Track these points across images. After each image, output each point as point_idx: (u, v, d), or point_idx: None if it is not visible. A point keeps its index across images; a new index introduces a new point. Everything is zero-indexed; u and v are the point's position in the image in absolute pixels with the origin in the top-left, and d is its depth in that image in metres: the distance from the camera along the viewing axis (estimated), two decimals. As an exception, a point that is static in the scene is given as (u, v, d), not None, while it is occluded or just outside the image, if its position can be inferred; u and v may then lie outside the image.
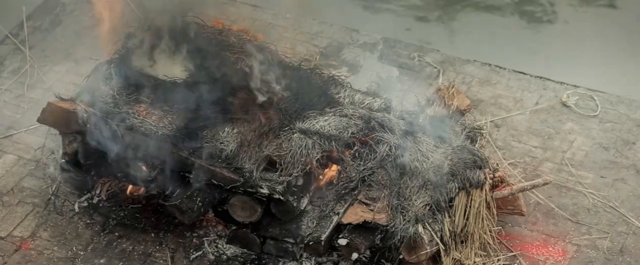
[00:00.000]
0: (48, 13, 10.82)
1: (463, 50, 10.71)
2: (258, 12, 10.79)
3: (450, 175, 8.31)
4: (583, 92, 10.00)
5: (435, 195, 8.22)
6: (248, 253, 8.55)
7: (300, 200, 8.30)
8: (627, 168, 9.30)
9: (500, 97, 9.97)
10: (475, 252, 8.42)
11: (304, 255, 8.43)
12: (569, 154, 9.43)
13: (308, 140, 8.36)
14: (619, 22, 11.76)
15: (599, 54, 11.22)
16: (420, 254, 8.12)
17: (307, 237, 8.26)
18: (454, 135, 8.69)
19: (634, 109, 9.83)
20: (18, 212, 8.92)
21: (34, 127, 9.48)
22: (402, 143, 8.42)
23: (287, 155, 8.30)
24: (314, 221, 8.30)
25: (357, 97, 8.88)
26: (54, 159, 9.20)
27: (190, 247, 8.62)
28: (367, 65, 10.31)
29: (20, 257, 8.60)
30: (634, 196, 9.06)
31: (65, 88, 9.28)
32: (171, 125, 8.44)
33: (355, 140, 8.47)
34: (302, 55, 10.16)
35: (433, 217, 8.16)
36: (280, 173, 8.25)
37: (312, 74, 8.96)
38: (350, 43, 10.56)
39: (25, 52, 10.34)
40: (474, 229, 8.38)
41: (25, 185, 9.13)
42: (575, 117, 9.78)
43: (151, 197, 8.81)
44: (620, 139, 9.56)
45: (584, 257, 8.61)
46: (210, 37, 8.88)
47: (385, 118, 8.59)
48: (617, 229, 8.81)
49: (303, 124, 8.48)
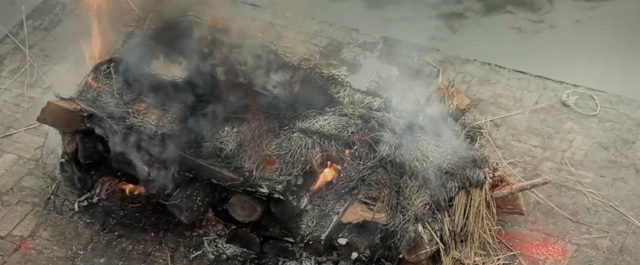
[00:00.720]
0: (48, 13, 10.82)
1: (463, 49, 10.71)
2: (258, 11, 10.79)
3: (450, 175, 8.31)
4: (583, 91, 10.00)
5: (435, 194, 8.22)
6: (248, 252, 8.55)
7: (300, 199, 8.30)
8: (627, 167, 9.30)
9: (500, 96, 9.97)
10: (475, 252, 8.43)
11: (304, 254, 8.43)
12: (569, 154, 9.43)
13: (308, 140, 8.37)
14: (619, 21, 11.76)
15: (599, 54, 11.22)
16: (420, 254, 8.12)
17: (307, 236, 8.26)
18: (454, 135, 8.68)
19: (633, 109, 9.83)
20: (18, 211, 8.92)
21: (33, 126, 9.48)
22: (401, 142, 8.42)
23: (287, 154, 8.30)
24: (314, 221, 8.30)
25: (357, 96, 8.88)
26: (54, 158, 9.20)
27: (190, 247, 8.62)
28: (366, 64, 10.31)
29: (20, 257, 8.60)
30: (634, 195, 9.06)
31: (65, 87, 9.27)
32: (171, 125, 8.44)
33: (355, 140, 8.47)
34: (302, 55, 10.17)
35: (433, 217, 8.16)
36: (280, 172, 8.25)
37: (312, 73, 8.96)
38: (350, 42, 10.56)
39: (25, 52, 10.34)
40: (473, 229, 8.38)
41: (25, 184, 9.13)
42: (575, 116, 9.78)
43: (151, 197, 8.81)
44: (620, 139, 9.56)
45: (584, 256, 8.61)
46: (210, 37, 8.87)
47: (385, 117, 8.59)
48: (617, 228, 8.81)
49: (303, 123, 8.48)
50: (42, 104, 8.77)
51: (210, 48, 8.71)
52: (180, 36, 8.84)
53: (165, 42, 8.84)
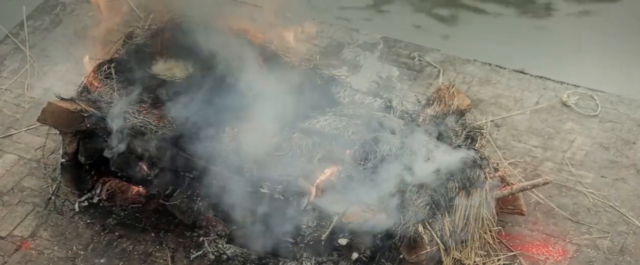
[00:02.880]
0: (48, 13, 10.82)
1: (463, 50, 10.71)
2: (258, 12, 10.78)
3: (451, 175, 8.31)
4: (583, 91, 10.00)
5: (435, 195, 8.22)
6: (248, 253, 8.55)
7: (300, 200, 8.30)
8: (628, 168, 9.30)
9: (500, 96, 9.97)
10: (476, 252, 8.42)
11: (304, 255, 8.43)
12: (569, 154, 9.43)
13: (308, 140, 8.36)
14: (619, 21, 11.76)
15: (599, 54, 11.22)
16: (420, 254, 8.12)
17: (307, 237, 8.26)
18: (454, 135, 8.68)
19: (634, 109, 9.83)
20: (18, 211, 8.92)
21: (34, 126, 9.49)
22: (402, 143, 8.41)
23: (287, 155, 8.30)
24: (314, 221, 8.30)
25: (357, 97, 8.88)
26: (54, 158, 9.20)
27: (191, 247, 8.62)
28: (367, 65, 10.31)
29: (20, 257, 8.60)
30: (634, 196, 9.06)
31: (65, 88, 9.28)
32: (171, 125, 8.44)
33: (355, 140, 8.47)
34: (302, 55, 10.16)
35: (433, 217, 8.16)
36: (280, 173, 8.25)
37: (312, 73, 8.96)
38: (350, 43, 10.56)
39: (26, 52, 10.34)
40: (474, 229, 8.38)
41: (26, 184, 9.13)
42: (576, 116, 9.78)
43: (151, 197, 8.81)
44: (621, 139, 9.56)
45: (584, 256, 8.61)
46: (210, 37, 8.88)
47: (386, 118, 8.59)
48: (618, 228, 8.81)
49: (303, 123, 8.48)
50: (43, 105, 8.77)
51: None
52: (180, 36, 8.85)
53: (166, 42, 8.85)
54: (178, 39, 8.86)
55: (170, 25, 8.96)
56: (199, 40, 8.73)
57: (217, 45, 8.71)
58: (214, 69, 8.65)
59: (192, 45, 8.77)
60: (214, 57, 8.69)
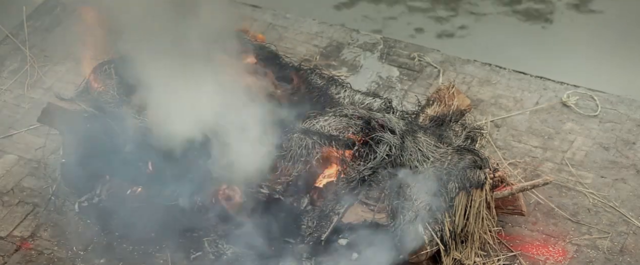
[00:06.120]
0: (48, 13, 10.82)
1: (463, 50, 10.71)
2: (258, 12, 10.79)
3: (451, 175, 8.31)
4: (583, 92, 10.00)
5: (435, 195, 8.21)
6: (248, 253, 8.54)
7: (300, 200, 8.30)
8: (628, 168, 9.30)
9: (500, 97, 9.97)
10: (476, 252, 8.43)
11: (304, 255, 8.43)
12: (569, 154, 9.43)
13: (308, 140, 8.37)
14: (619, 21, 11.76)
15: (599, 54, 11.21)
16: (420, 254, 8.12)
17: (307, 237, 8.26)
18: (454, 135, 8.68)
19: (634, 109, 9.83)
20: (18, 212, 8.92)
21: (34, 127, 9.48)
22: (402, 143, 8.42)
23: (287, 155, 8.30)
24: (314, 221, 8.30)
25: (357, 97, 8.89)
26: (54, 158, 9.20)
27: (191, 247, 8.62)
28: (367, 65, 10.31)
29: (20, 257, 8.60)
30: (634, 196, 9.06)
31: (65, 88, 9.28)
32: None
33: (356, 140, 8.47)
34: (302, 55, 10.17)
35: (433, 217, 8.16)
36: (280, 173, 8.25)
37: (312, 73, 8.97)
38: (350, 43, 10.56)
39: (26, 52, 10.34)
40: (474, 229, 8.38)
41: (26, 185, 9.13)
42: (576, 117, 9.78)
43: (152, 196, 8.79)
44: (621, 139, 9.56)
45: (584, 257, 8.61)
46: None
47: (386, 118, 8.59)
48: (618, 229, 8.81)
49: (303, 124, 8.48)
50: (43, 105, 8.77)
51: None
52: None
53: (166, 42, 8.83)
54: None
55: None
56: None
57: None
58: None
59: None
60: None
